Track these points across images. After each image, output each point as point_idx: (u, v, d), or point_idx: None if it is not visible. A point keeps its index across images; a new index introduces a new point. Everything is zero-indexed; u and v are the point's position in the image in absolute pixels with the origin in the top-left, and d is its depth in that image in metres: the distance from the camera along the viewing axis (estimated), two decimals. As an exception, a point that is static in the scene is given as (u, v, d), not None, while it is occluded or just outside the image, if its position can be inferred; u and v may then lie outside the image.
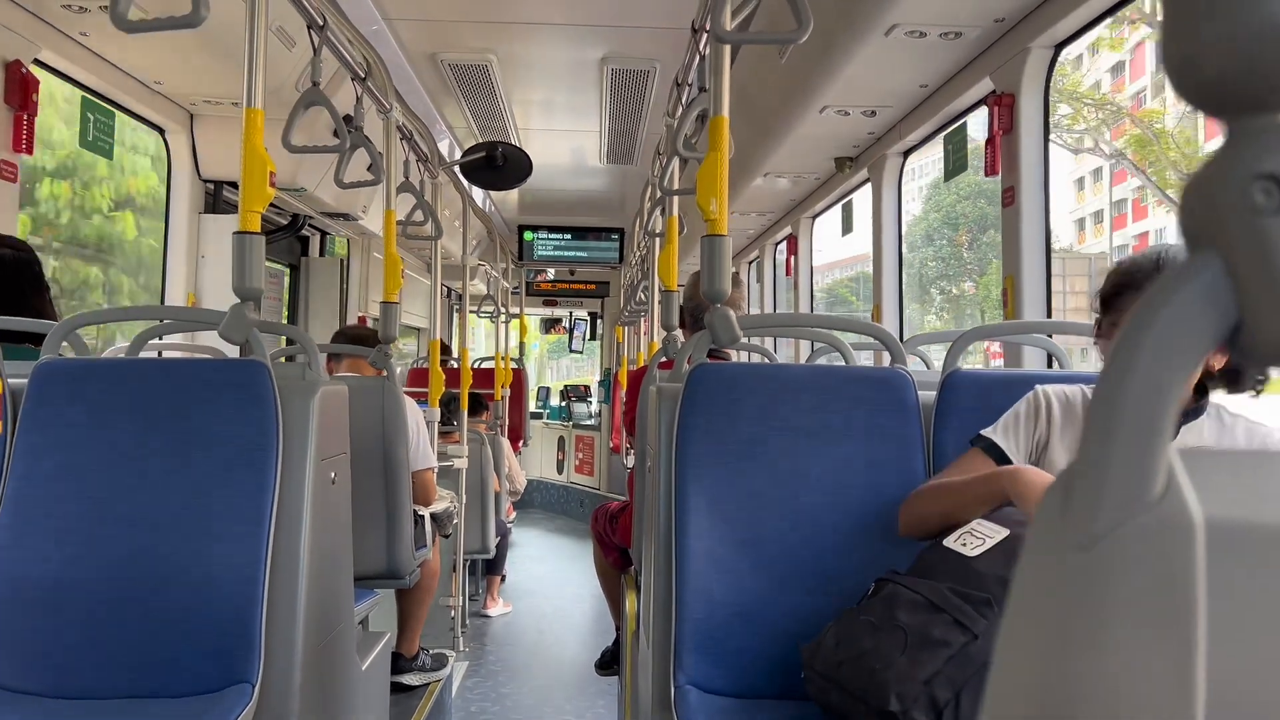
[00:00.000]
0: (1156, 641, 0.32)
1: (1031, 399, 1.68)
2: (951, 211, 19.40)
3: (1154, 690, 0.31)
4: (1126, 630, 0.32)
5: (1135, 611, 0.32)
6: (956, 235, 19.72)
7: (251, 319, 1.83)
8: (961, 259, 19.68)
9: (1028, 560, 0.35)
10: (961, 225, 19.37)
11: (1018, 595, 0.36)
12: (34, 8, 2.69)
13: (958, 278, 20.24)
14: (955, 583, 1.38)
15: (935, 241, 19.75)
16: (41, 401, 1.82)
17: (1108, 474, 0.33)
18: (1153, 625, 0.32)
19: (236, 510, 1.76)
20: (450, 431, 4.72)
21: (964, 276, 20.03)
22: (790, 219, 5.72)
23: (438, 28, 3.71)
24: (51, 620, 1.74)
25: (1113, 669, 0.32)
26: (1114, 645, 0.32)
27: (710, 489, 1.77)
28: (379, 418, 2.81)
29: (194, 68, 3.29)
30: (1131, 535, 0.32)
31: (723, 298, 1.82)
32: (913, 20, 2.64)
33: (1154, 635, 0.32)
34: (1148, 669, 0.31)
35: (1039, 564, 0.35)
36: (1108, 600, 0.33)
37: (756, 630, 1.72)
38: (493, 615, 5.45)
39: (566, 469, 9.88)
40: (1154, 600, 0.32)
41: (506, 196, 7.38)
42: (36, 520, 1.77)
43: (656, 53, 3.88)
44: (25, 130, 2.63)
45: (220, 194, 4.02)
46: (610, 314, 9.91)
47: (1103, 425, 0.33)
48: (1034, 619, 0.35)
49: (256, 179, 1.79)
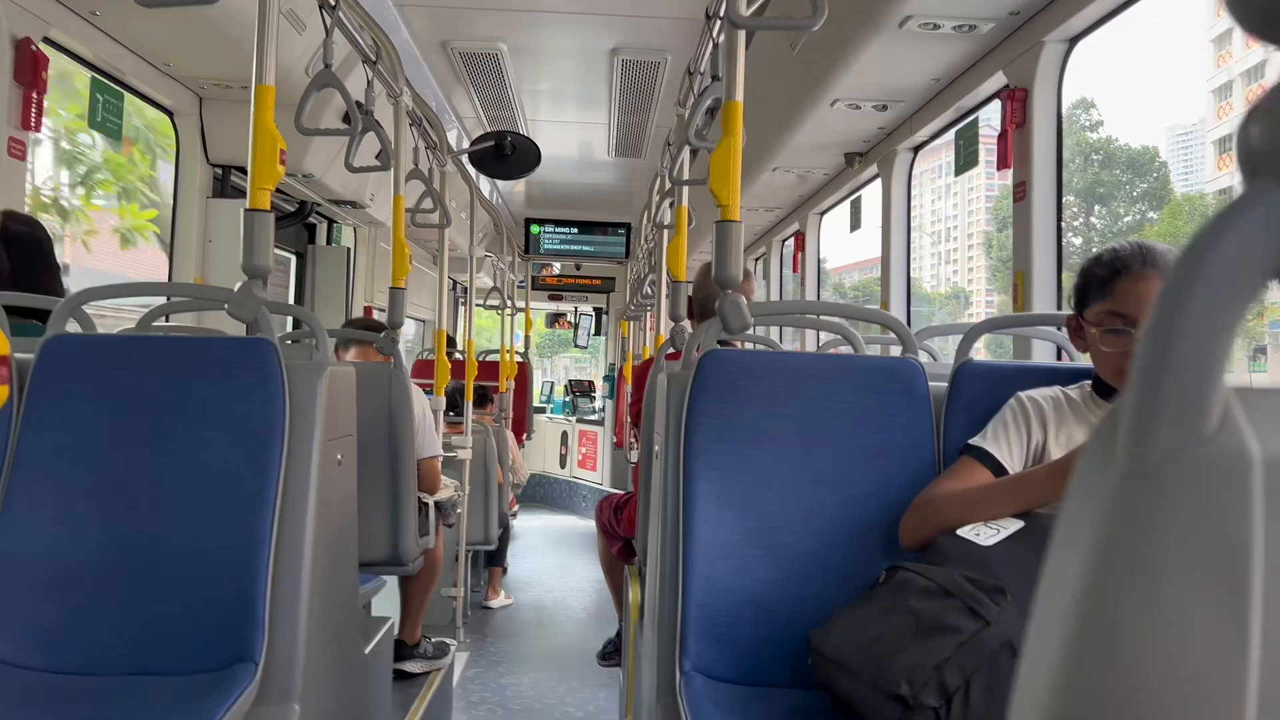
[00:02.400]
0: (1208, 576, 0.31)
1: (1015, 405, 1.68)
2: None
3: (1204, 624, 0.30)
4: (1177, 564, 0.31)
5: (1187, 546, 0.31)
6: (1070, 205, 17.49)
7: (260, 297, 1.82)
8: (1077, 233, 17.02)
9: (1075, 494, 0.35)
10: (1078, 194, 16.83)
11: (1064, 530, 0.35)
12: (45, -15, 2.69)
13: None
14: (968, 570, 1.37)
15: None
16: (48, 376, 1.81)
17: (1161, 406, 0.32)
18: (1205, 561, 0.31)
19: (242, 488, 1.75)
20: (455, 422, 4.71)
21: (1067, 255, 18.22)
22: (798, 215, 5.71)
23: (448, 14, 3.70)
24: (54, 595, 1.73)
25: (1161, 601, 0.31)
26: (1164, 578, 0.31)
27: (718, 475, 1.76)
28: (385, 403, 2.80)
29: (204, 49, 3.28)
30: (1185, 469, 0.31)
31: (734, 284, 1.81)
32: (927, 11, 2.63)
33: (1206, 570, 0.31)
34: (1199, 603, 0.30)
35: (1087, 497, 0.34)
36: (1158, 533, 0.32)
37: (763, 617, 1.71)
38: (494, 607, 5.44)
39: (569, 464, 9.88)
40: (1207, 536, 0.31)
41: (513, 189, 7.38)
42: (41, 495, 1.76)
43: (668, 43, 3.87)
44: (34, 108, 2.63)
45: (228, 179, 4.01)
46: (616, 309, 9.90)
47: (1157, 357, 0.32)
48: (1081, 553, 0.33)
49: (267, 156, 1.78)
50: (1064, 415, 1.66)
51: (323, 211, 5.20)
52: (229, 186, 4.02)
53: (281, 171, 1.81)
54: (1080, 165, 16.17)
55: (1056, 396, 1.68)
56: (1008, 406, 1.70)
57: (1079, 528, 0.34)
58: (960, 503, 1.57)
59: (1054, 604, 0.35)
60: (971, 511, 1.53)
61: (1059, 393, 1.69)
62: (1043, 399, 1.68)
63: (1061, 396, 1.68)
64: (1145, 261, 1.52)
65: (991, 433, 1.68)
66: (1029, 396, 1.69)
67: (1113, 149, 20.45)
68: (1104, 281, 1.56)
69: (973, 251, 47.99)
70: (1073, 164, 16.48)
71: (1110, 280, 1.55)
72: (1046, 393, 1.70)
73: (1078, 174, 16.34)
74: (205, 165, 3.90)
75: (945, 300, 44.53)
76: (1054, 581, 0.36)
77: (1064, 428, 1.65)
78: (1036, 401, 1.68)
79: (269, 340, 1.81)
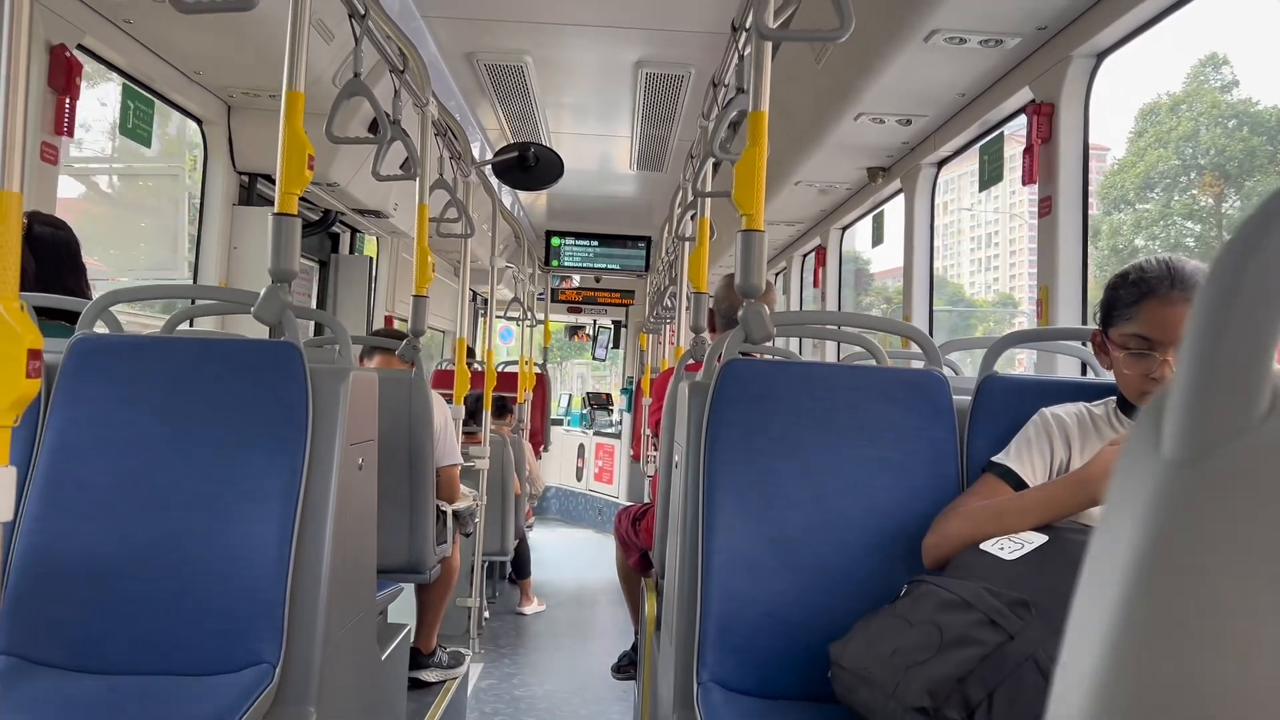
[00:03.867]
0: (1262, 565, 0.30)
1: (1039, 422, 1.67)
2: (1188, 147, 13.03)
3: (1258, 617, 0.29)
4: (1229, 554, 0.30)
5: (1239, 534, 0.30)
6: (1201, 181, 13.59)
7: (285, 300, 1.83)
8: (1201, 219, 13.08)
9: (1118, 487, 0.34)
10: (1209, 169, 13.16)
11: (1106, 525, 0.35)
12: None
13: (1187, 247, 12.68)
14: (991, 585, 1.36)
15: (1161, 191, 13.19)
16: (76, 376, 1.83)
17: (1210, 391, 0.31)
18: (1257, 549, 0.30)
19: (264, 490, 1.76)
20: (473, 432, 4.72)
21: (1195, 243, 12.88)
22: (819, 230, 5.70)
23: (474, 26, 3.73)
24: (76, 594, 1.74)
25: (1212, 594, 0.30)
26: (1215, 569, 0.31)
27: (739, 486, 1.75)
28: (406, 411, 2.81)
29: (233, 58, 3.32)
30: (1235, 455, 0.30)
31: (757, 293, 1.81)
32: (953, 26, 2.63)
33: (1259, 559, 0.30)
34: (1251, 593, 0.30)
35: (1131, 489, 0.33)
36: (1208, 522, 0.31)
37: (783, 629, 1.70)
38: (528, 613, 5.48)
39: (586, 476, 9.86)
40: (1255, 524, 0.30)
41: (535, 201, 7.41)
42: (66, 494, 1.77)
43: (692, 57, 3.88)
44: (67, 114, 2.66)
45: (254, 187, 4.05)
46: (635, 322, 9.91)
47: (1205, 341, 0.31)
48: (1124, 547, 0.33)
49: (295, 161, 1.80)
50: (1088, 432, 1.65)
51: (346, 220, 5.24)
52: (254, 194, 4.06)
53: (310, 177, 1.82)
54: (1216, 134, 13.28)
55: (1081, 413, 1.67)
56: (1031, 423, 1.68)
57: (1122, 522, 0.33)
58: (982, 516, 1.55)
59: (1095, 603, 0.34)
60: (993, 525, 1.52)
61: (1083, 409, 1.68)
62: (1067, 415, 1.66)
63: (1086, 413, 1.67)
64: (1173, 283, 1.50)
65: (1014, 450, 1.66)
66: (1053, 413, 1.67)
67: (1258, 112, 16.28)
68: (1130, 303, 1.54)
69: (1015, 258, 46.83)
70: (1202, 135, 13.51)
71: (1136, 302, 1.53)
72: (1070, 409, 1.68)
73: (1211, 144, 13.33)
74: (232, 173, 3.94)
75: (992, 308, 42.97)
76: (1095, 579, 0.35)
77: (1088, 445, 1.63)
78: (1060, 418, 1.66)
79: (294, 343, 1.82)
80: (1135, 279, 1.54)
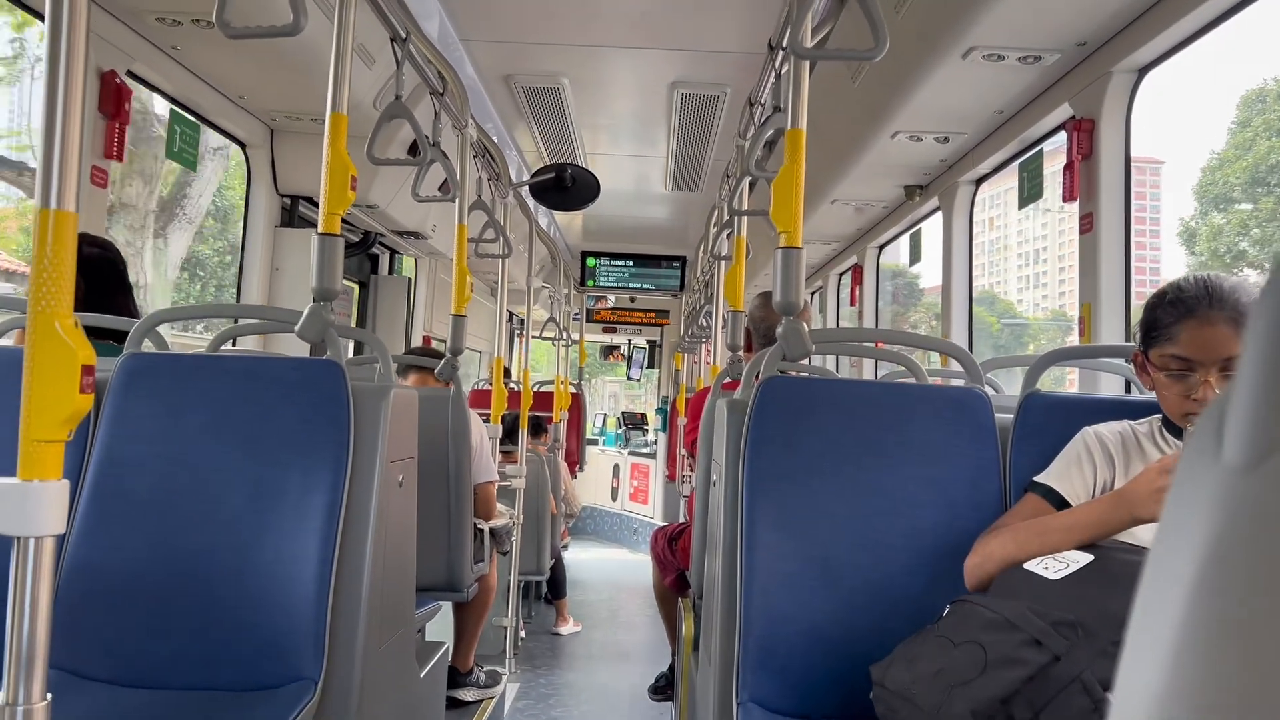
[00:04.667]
0: None
1: (1081, 442, 1.64)
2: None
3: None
4: None
5: None
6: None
7: (328, 319, 1.86)
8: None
9: (1179, 491, 0.34)
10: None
11: (1164, 537, 0.34)
12: (130, 20, 2.80)
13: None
14: (1036, 605, 1.34)
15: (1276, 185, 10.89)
16: (124, 395, 1.86)
17: (1272, 391, 0.31)
18: None
19: (306, 507, 1.78)
20: (509, 451, 4.74)
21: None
22: (855, 249, 5.68)
23: (512, 49, 3.78)
24: (122, 609, 1.76)
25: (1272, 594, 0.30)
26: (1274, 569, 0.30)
27: (779, 504, 1.74)
28: (444, 429, 2.83)
29: (277, 83, 3.39)
30: None
31: (795, 310, 1.81)
32: (991, 42, 2.62)
33: None
34: None
35: (1192, 491, 0.33)
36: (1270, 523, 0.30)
37: (823, 649, 1.68)
38: (564, 633, 5.48)
39: (621, 496, 9.86)
40: None
41: (571, 221, 7.46)
42: (113, 510, 1.80)
43: (728, 77, 3.90)
44: (117, 138, 2.73)
45: (296, 209, 4.12)
46: (669, 342, 9.92)
47: (1264, 345, 0.31)
48: (1185, 557, 0.32)
49: (339, 182, 1.83)
50: (1132, 451, 1.62)
51: (385, 242, 5.31)
52: (296, 216, 4.13)
53: (352, 197, 1.85)
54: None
55: (1125, 431, 1.64)
56: (1074, 442, 1.66)
57: (1183, 530, 0.33)
58: (1025, 536, 1.53)
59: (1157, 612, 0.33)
60: (1036, 544, 1.49)
61: (1127, 427, 1.65)
62: (1110, 434, 1.64)
63: (1130, 431, 1.64)
64: (1211, 302, 1.48)
65: (1057, 469, 1.64)
66: (1096, 432, 1.65)
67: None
68: (1168, 323, 1.51)
69: (1065, 274, 45.82)
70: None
71: (1175, 322, 1.50)
72: (1114, 427, 1.65)
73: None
74: (274, 195, 4.01)
75: (1048, 322, 41.65)
76: (1155, 588, 0.34)
77: (1132, 463, 1.61)
78: (1104, 437, 1.63)
79: (336, 362, 1.85)
80: (1173, 299, 1.52)
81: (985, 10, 2.44)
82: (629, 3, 3.29)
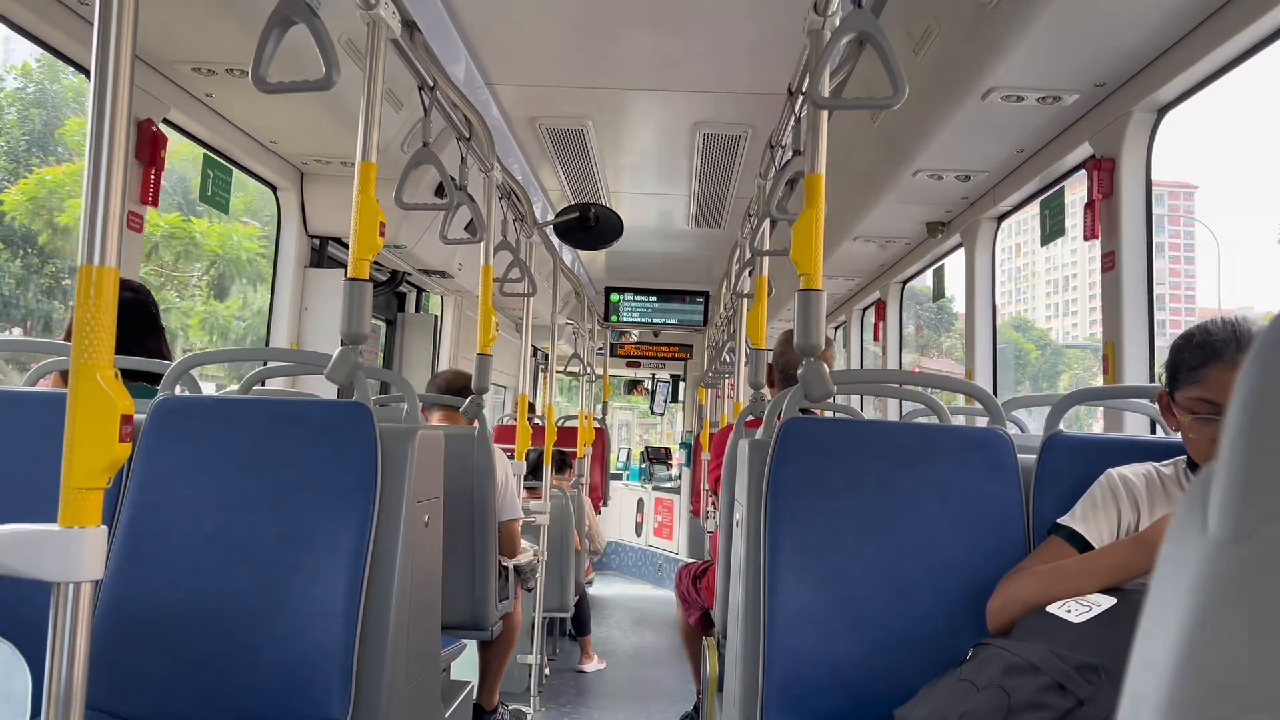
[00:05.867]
0: None
1: (1106, 483, 1.64)
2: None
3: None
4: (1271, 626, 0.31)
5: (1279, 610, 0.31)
6: None
7: (356, 362, 1.89)
8: None
9: (1163, 568, 0.35)
10: None
11: (1153, 607, 0.35)
12: (166, 70, 2.88)
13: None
14: (1059, 648, 1.34)
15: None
16: (158, 436, 1.90)
17: (1255, 467, 0.32)
18: None
19: (334, 547, 1.80)
20: (534, 487, 4.76)
21: None
22: (878, 284, 5.69)
23: (538, 93, 3.84)
24: (154, 647, 1.79)
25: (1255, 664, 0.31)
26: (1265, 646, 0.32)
27: (802, 545, 1.75)
28: (469, 466, 2.86)
29: (307, 128, 3.47)
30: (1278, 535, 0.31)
31: (816, 351, 1.82)
32: (1010, 84, 2.64)
33: None
34: None
35: (1177, 569, 0.34)
36: (1257, 599, 0.32)
37: (846, 689, 1.68)
38: (589, 671, 5.46)
39: (645, 532, 9.82)
40: None
41: (595, 258, 7.52)
42: (146, 549, 1.84)
43: (749, 118, 3.94)
44: (153, 184, 2.80)
45: (325, 250, 4.19)
46: (693, 376, 9.92)
47: (1252, 418, 0.33)
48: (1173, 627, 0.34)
49: (368, 229, 1.87)
50: (1156, 493, 1.61)
51: (412, 280, 5.38)
52: (325, 257, 4.20)
53: (381, 243, 1.89)
54: None
55: (1149, 473, 1.64)
56: (1097, 484, 1.65)
57: (1170, 597, 0.34)
58: (1047, 580, 1.53)
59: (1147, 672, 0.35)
60: (1058, 587, 1.49)
61: (1152, 469, 1.64)
62: (1134, 476, 1.63)
63: (1155, 473, 1.64)
64: (1239, 346, 1.47)
65: (1080, 512, 1.64)
66: (1120, 474, 1.64)
67: None
68: (1194, 365, 1.51)
69: (1095, 302, 45.93)
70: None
71: (1201, 365, 1.50)
72: (1139, 469, 1.65)
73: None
74: (304, 236, 4.08)
75: (1081, 352, 41.58)
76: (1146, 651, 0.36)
77: (1157, 506, 1.60)
78: (1128, 479, 1.63)
79: (364, 404, 1.88)
80: (1200, 341, 1.52)
81: (1004, 52, 2.47)
82: (651, 46, 3.34)
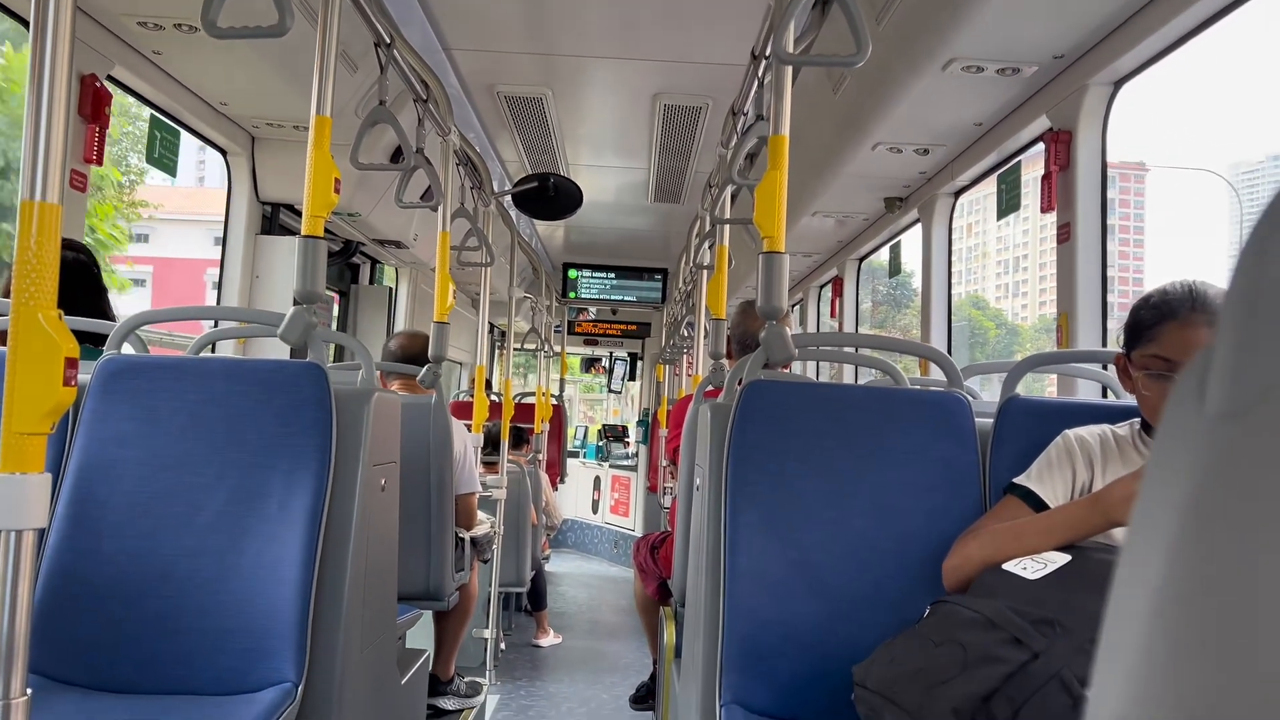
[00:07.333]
0: None
1: (1062, 444, 1.66)
2: None
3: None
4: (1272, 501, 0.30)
5: None
6: None
7: (311, 321, 1.85)
8: None
9: (1160, 449, 0.34)
10: None
11: (1150, 480, 0.35)
12: (111, 25, 2.79)
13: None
14: (1015, 604, 1.35)
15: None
16: (103, 396, 1.85)
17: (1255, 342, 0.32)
18: None
19: (288, 510, 1.77)
20: (491, 462, 4.73)
21: None
22: (836, 261, 5.72)
23: (495, 59, 3.79)
24: (100, 613, 1.75)
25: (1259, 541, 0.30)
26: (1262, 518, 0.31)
27: (762, 507, 1.75)
28: (426, 436, 2.82)
29: (259, 90, 3.38)
30: None
31: (779, 314, 1.82)
32: (970, 55, 2.65)
33: None
34: None
35: (1174, 448, 0.33)
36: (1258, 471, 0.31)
37: (805, 651, 1.69)
38: (544, 645, 5.45)
39: (601, 509, 9.83)
40: None
41: (553, 233, 7.47)
42: (91, 513, 1.79)
43: (710, 88, 3.93)
44: (97, 142, 2.71)
45: (276, 217, 4.10)
46: (650, 354, 9.93)
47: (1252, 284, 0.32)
48: (1168, 510, 0.33)
49: (323, 184, 1.83)
50: (1111, 454, 1.64)
51: (367, 251, 5.29)
52: (277, 224, 4.11)
53: (336, 200, 1.85)
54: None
55: (1104, 434, 1.66)
56: (1053, 445, 1.68)
57: (1167, 481, 0.33)
58: (1003, 538, 1.54)
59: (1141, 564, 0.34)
60: (1014, 546, 1.51)
61: (1107, 431, 1.67)
62: (1090, 437, 1.66)
63: (1110, 435, 1.66)
64: (1194, 306, 1.50)
65: (1036, 471, 1.66)
66: (1076, 435, 1.67)
67: None
68: (1150, 324, 1.54)
69: (1046, 283, 46.95)
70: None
71: (1156, 324, 1.53)
72: (1094, 430, 1.67)
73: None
74: (255, 203, 3.99)
75: (1036, 333, 42.80)
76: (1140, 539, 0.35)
77: (1111, 466, 1.62)
78: (1084, 439, 1.65)
79: (318, 364, 1.84)
80: (1157, 301, 1.54)
81: (965, 22, 2.47)
82: (612, 14, 3.30)
